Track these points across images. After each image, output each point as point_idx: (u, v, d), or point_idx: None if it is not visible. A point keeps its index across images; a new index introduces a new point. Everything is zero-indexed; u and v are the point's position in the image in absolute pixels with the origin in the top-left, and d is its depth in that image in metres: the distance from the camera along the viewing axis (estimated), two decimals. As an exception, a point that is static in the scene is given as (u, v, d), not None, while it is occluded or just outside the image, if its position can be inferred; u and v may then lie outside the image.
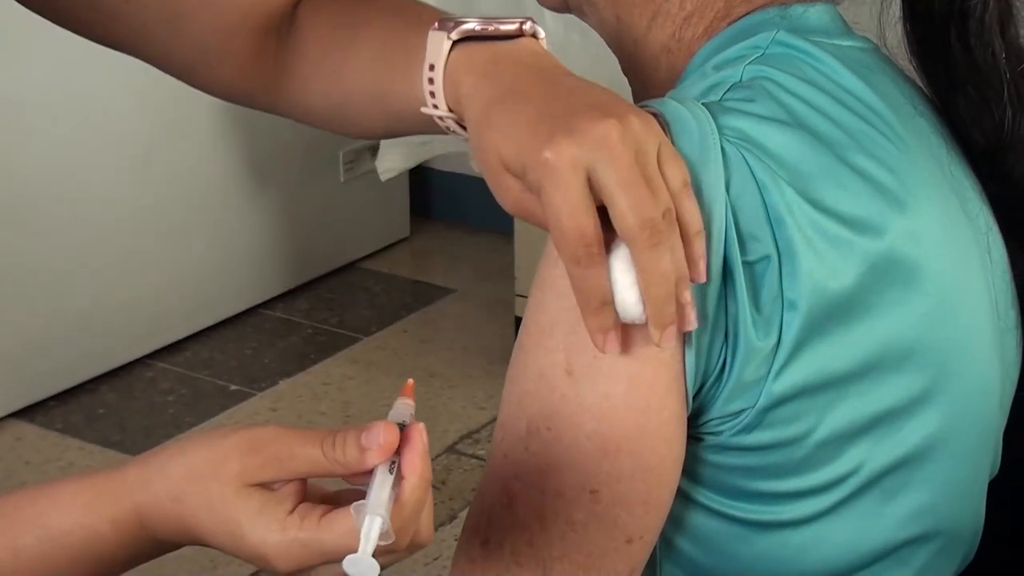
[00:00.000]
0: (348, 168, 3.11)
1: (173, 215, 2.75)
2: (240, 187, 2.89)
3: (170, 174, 2.73)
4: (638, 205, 0.71)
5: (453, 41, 0.79)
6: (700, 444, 0.83)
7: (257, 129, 2.85)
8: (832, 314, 0.80)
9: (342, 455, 0.68)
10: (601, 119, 0.71)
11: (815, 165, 0.81)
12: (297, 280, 3.04)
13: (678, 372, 0.78)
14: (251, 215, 2.92)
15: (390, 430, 0.68)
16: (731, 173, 0.78)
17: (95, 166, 2.59)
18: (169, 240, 2.75)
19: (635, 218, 0.71)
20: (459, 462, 2.42)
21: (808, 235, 0.79)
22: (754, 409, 0.80)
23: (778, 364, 0.79)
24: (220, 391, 2.64)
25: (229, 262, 2.89)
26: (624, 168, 0.71)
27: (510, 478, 0.79)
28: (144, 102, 2.64)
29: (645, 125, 0.74)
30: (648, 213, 0.70)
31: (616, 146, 0.71)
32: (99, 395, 2.64)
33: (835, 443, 0.82)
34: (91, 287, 2.63)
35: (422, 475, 0.68)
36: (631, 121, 0.73)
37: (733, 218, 0.78)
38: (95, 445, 2.47)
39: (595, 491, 0.78)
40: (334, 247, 3.12)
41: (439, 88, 0.81)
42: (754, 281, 0.78)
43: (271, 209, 2.96)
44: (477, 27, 0.79)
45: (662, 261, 0.72)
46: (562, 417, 0.78)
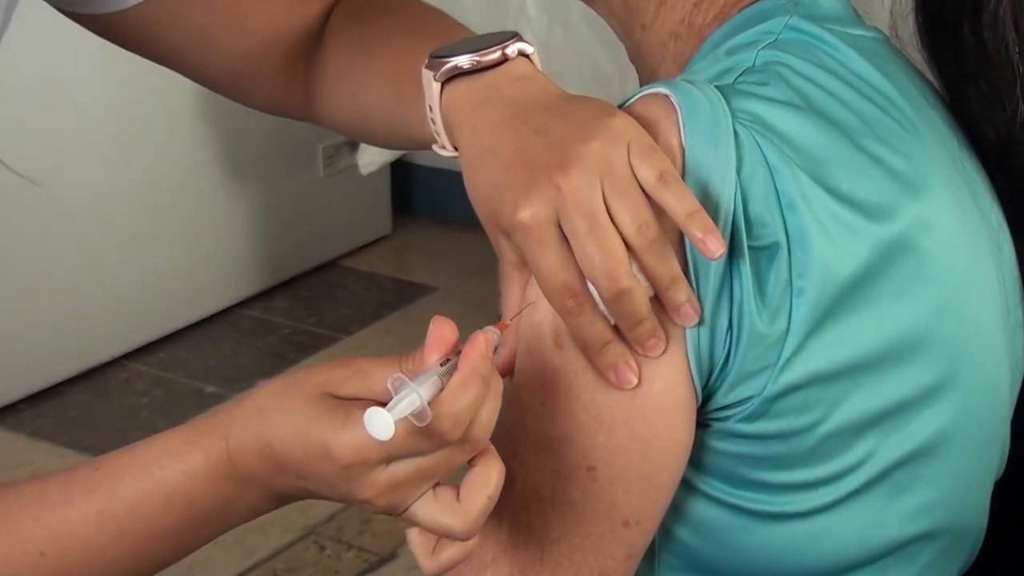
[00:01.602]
0: (328, 163, 3.11)
1: (147, 210, 2.75)
2: (217, 182, 2.89)
3: (144, 167, 2.72)
4: (590, 257, 0.76)
5: (441, 83, 0.84)
6: (706, 431, 0.84)
7: (235, 122, 2.85)
8: (841, 300, 0.81)
9: (410, 363, 0.72)
10: (560, 169, 0.76)
11: (830, 151, 0.82)
12: (275, 278, 3.04)
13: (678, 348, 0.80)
14: (228, 211, 2.92)
15: (444, 324, 0.72)
16: (742, 156, 0.80)
17: (64, 158, 2.59)
18: (143, 236, 2.75)
19: (590, 269, 0.76)
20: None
21: (823, 222, 0.81)
22: (761, 397, 0.81)
23: (787, 352, 0.81)
24: (196, 393, 2.64)
25: (205, 260, 2.89)
26: (580, 219, 0.76)
27: (509, 457, 0.81)
28: (117, 91, 2.64)
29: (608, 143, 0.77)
30: (603, 263, 0.75)
31: (571, 195, 0.76)
32: (70, 397, 2.64)
33: (844, 435, 0.84)
34: (62, 285, 2.62)
35: (476, 370, 0.71)
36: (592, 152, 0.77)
37: (742, 202, 0.80)
38: (66, 449, 2.47)
39: (592, 468, 0.80)
40: (313, 244, 3.12)
41: (441, 131, 0.86)
42: (760, 267, 0.80)
43: (249, 205, 2.96)
44: (463, 64, 0.83)
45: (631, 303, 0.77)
46: (557, 391, 0.80)
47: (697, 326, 0.80)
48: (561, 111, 0.80)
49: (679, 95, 0.81)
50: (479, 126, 0.82)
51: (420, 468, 0.72)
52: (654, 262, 0.77)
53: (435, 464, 0.72)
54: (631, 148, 0.78)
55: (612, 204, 0.77)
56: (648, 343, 0.79)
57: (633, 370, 0.79)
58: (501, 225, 0.79)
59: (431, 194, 3.39)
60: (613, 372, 0.79)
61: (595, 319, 0.78)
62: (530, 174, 0.78)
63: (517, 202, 0.77)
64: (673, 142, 0.81)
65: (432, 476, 0.73)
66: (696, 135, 0.80)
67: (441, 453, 0.72)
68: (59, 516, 0.76)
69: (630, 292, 0.77)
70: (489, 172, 0.80)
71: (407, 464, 0.72)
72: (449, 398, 0.70)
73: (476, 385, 0.71)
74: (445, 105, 0.84)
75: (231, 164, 2.91)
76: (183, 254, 2.84)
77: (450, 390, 0.71)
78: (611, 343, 0.78)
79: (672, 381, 0.80)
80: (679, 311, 0.79)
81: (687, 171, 0.80)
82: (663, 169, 0.78)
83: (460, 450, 0.72)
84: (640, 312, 0.78)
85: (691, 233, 0.77)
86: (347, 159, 3.12)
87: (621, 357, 0.79)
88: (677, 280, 0.78)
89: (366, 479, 0.72)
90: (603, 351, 0.78)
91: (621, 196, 0.77)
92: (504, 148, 0.80)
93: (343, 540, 2.28)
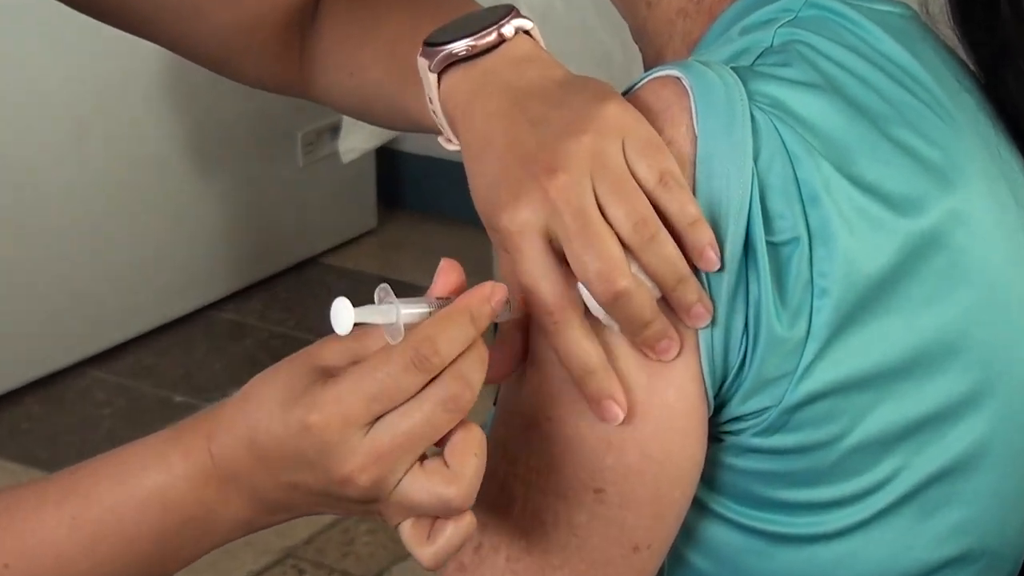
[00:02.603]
0: (307, 150, 3.12)
1: (109, 202, 2.75)
2: (186, 171, 2.89)
3: (106, 155, 2.72)
4: (581, 258, 0.77)
5: (438, 73, 0.85)
6: (719, 446, 0.84)
7: (205, 106, 2.85)
8: (867, 302, 0.81)
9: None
10: (548, 171, 0.77)
11: (855, 138, 0.83)
12: (250, 277, 3.04)
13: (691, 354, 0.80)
14: (198, 203, 2.92)
15: (451, 268, 0.75)
16: (760, 143, 0.80)
17: (18, 146, 2.59)
18: (104, 231, 2.75)
19: (583, 273, 0.77)
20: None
21: (847, 215, 0.81)
22: (778, 408, 0.81)
23: (807, 358, 0.81)
24: (163, 403, 2.65)
25: (173, 256, 2.89)
26: (569, 221, 0.77)
27: (509, 476, 0.81)
28: (76, 71, 2.64)
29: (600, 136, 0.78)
30: (596, 265, 0.76)
31: (560, 197, 0.77)
32: (24, 407, 2.64)
33: (870, 449, 0.84)
34: (14, 284, 2.62)
35: (468, 307, 0.73)
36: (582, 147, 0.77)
37: (760, 193, 0.80)
38: (18, 464, 2.47)
39: (600, 490, 0.80)
40: (292, 240, 3.13)
41: (443, 122, 0.87)
42: (779, 264, 0.80)
43: (221, 196, 2.96)
44: (458, 50, 0.84)
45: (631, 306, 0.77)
46: (562, 405, 0.80)
47: (711, 327, 0.80)
48: (559, 99, 0.81)
49: (692, 78, 0.81)
50: (476, 116, 0.83)
51: (402, 433, 0.73)
52: (656, 261, 0.77)
53: (417, 427, 0.72)
54: (628, 142, 0.78)
55: (605, 201, 0.77)
56: (659, 345, 0.79)
57: (620, 404, 0.79)
58: (489, 226, 0.80)
59: (421, 185, 3.39)
60: (596, 405, 0.79)
61: (578, 341, 0.78)
62: (520, 174, 0.78)
63: (504, 205, 0.78)
64: (684, 130, 0.81)
65: (416, 444, 0.73)
66: (710, 121, 0.80)
67: (422, 413, 0.72)
68: (29, 524, 0.76)
69: (628, 294, 0.77)
70: (486, 166, 0.81)
71: (389, 427, 0.72)
72: (432, 324, 0.72)
73: (464, 322, 0.73)
74: (443, 95, 0.85)
75: (201, 152, 2.91)
76: (149, 250, 2.84)
77: (436, 318, 0.72)
78: (596, 371, 0.78)
79: (686, 390, 0.80)
80: (689, 312, 0.79)
81: (699, 160, 0.80)
82: (663, 169, 0.78)
83: (443, 408, 0.73)
84: (643, 315, 0.78)
85: (689, 245, 0.78)
86: (328, 146, 3.12)
87: (605, 388, 0.78)
88: (685, 279, 0.78)
89: (346, 446, 0.72)
90: (585, 379, 0.78)
91: (614, 192, 0.77)
92: (498, 141, 0.80)
93: (324, 564, 2.28)
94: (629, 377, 0.80)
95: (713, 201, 0.80)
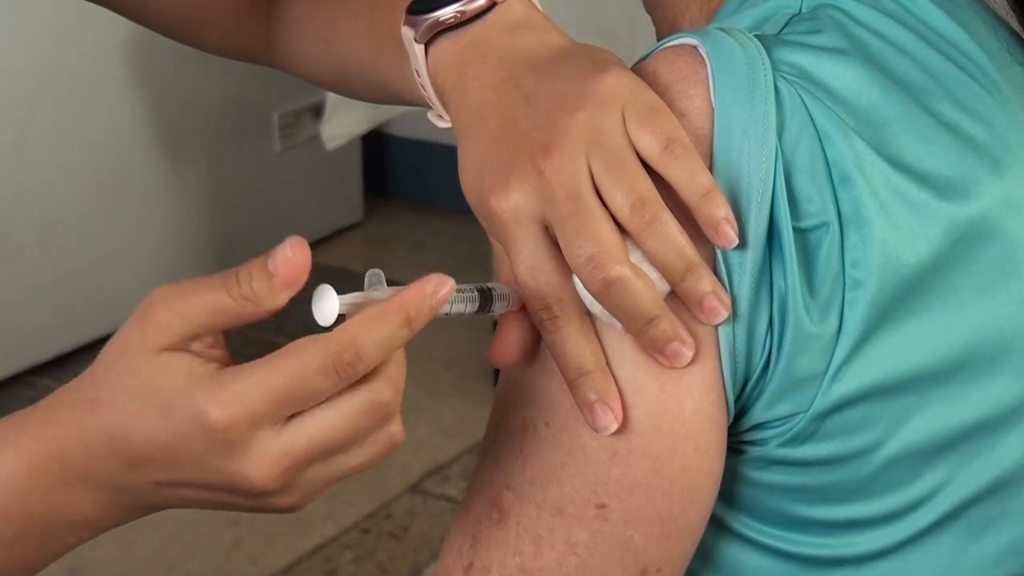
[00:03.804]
0: (285, 133, 3.12)
1: (59, 197, 2.74)
2: (148, 158, 2.89)
3: (55, 144, 2.72)
4: (572, 244, 0.77)
5: (424, 43, 0.85)
6: (740, 458, 0.84)
7: (169, 83, 2.85)
8: (907, 295, 0.81)
9: (249, 288, 0.72)
10: (542, 150, 0.78)
11: (893, 112, 0.83)
12: (221, 274, 3.04)
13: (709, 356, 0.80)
14: (162, 194, 2.92)
15: (299, 245, 0.72)
16: (785, 118, 0.80)
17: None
18: (55, 225, 2.75)
19: (575, 261, 0.77)
20: (425, 504, 2.43)
21: (882, 198, 0.81)
22: (807, 414, 0.81)
23: (839, 358, 0.80)
24: (122, 415, 2.65)
25: (133, 253, 2.89)
26: (562, 204, 0.77)
27: (501, 489, 0.81)
28: (27, 47, 2.63)
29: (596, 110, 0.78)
30: (587, 250, 0.77)
31: (554, 179, 0.77)
32: (-33, 419, 2.64)
33: (910, 461, 0.83)
34: (-41, 282, 2.63)
35: (402, 305, 0.72)
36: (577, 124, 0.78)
37: (785, 173, 0.80)
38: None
39: (603, 505, 0.80)
40: (269, 233, 3.10)
41: (433, 97, 0.87)
42: (808, 252, 0.80)
43: (186, 187, 2.96)
44: (445, 17, 0.84)
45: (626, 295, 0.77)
46: (562, 409, 0.80)
47: (732, 323, 0.79)
48: (554, 71, 0.81)
49: (709, 46, 0.81)
50: (468, 89, 0.83)
51: (322, 438, 0.72)
52: (659, 246, 0.77)
53: (340, 433, 0.72)
54: (627, 112, 0.78)
55: (600, 181, 0.77)
56: (669, 349, 0.78)
57: (615, 413, 0.78)
58: (478, 213, 0.80)
59: (412, 172, 3.39)
60: (588, 411, 0.78)
61: (573, 339, 0.78)
62: (511, 155, 0.79)
63: (495, 189, 0.79)
64: (700, 103, 0.81)
65: (335, 450, 0.73)
66: (729, 93, 0.80)
67: (347, 419, 0.72)
68: None
69: (621, 282, 0.76)
70: (477, 145, 0.81)
71: (305, 430, 0.72)
72: (359, 325, 0.71)
73: (396, 323, 0.71)
74: (432, 68, 0.85)
75: (165, 136, 2.91)
76: (104, 248, 2.84)
77: (366, 316, 0.71)
78: (590, 374, 0.78)
79: (703, 398, 0.80)
80: (701, 305, 0.78)
81: (717, 137, 0.80)
82: (669, 135, 0.78)
83: (370, 417, 0.72)
84: (644, 307, 0.77)
85: (702, 219, 0.77)
86: (309, 129, 3.13)
87: (600, 393, 0.78)
88: (694, 266, 0.78)
89: (254, 448, 0.71)
90: (578, 382, 0.78)
91: (609, 171, 0.77)
92: (491, 118, 0.81)
93: (303, 595, 2.28)
94: (636, 384, 0.80)
95: (733, 182, 0.80)
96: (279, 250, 0.72)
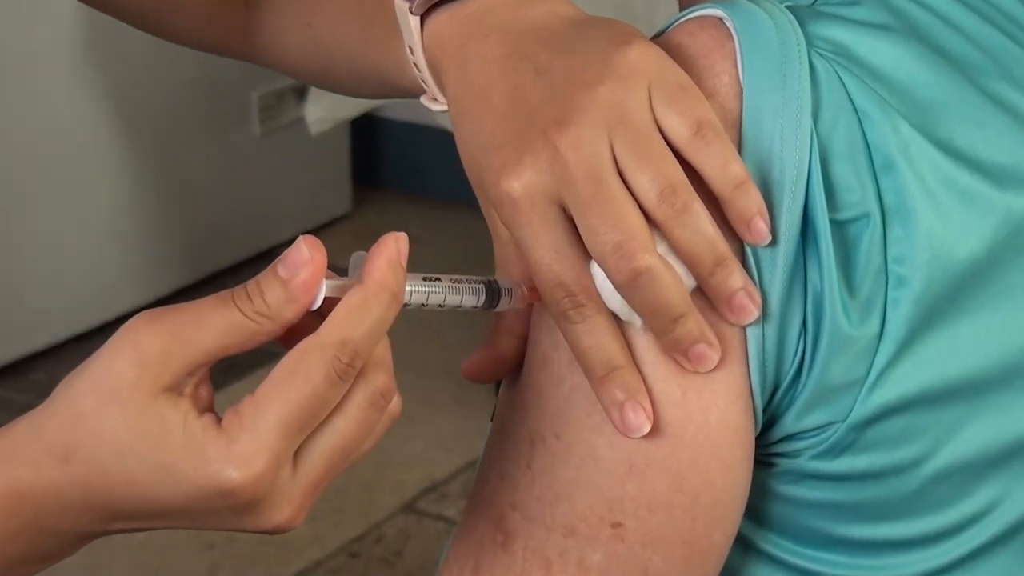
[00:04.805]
0: (265, 116, 3.12)
1: (17, 185, 2.74)
2: (113, 145, 2.88)
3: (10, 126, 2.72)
4: (595, 230, 0.77)
5: (421, 16, 0.85)
6: (769, 471, 0.84)
7: (136, 63, 2.85)
8: (958, 294, 0.81)
9: (262, 302, 0.72)
10: (558, 125, 0.78)
11: (942, 93, 0.83)
12: (194, 274, 3.05)
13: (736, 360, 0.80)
14: (129, 184, 2.92)
15: (315, 245, 0.72)
16: (821, 98, 0.80)
17: None
18: (8, 220, 2.75)
19: (597, 249, 0.77)
20: (420, 525, 2.43)
21: (930, 187, 0.81)
22: (845, 424, 0.81)
23: (880, 362, 0.81)
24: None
25: (97, 250, 2.89)
26: (581, 185, 0.77)
27: (506, 508, 0.81)
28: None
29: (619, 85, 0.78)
30: (612, 237, 0.76)
31: (571, 158, 0.77)
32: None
33: (960, 476, 0.84)
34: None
35: (381, 283, 0.72)
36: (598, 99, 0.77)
37: (821, 159, 0.80)
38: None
39: (618, 524, 0.80)
40: (247, 227, 3.13)
41: (427, 77, 0.87)
42: (845, 246, 0.80)
43: (158, 175, 2.96)
44: None
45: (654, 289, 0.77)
46: (574, 419, 0.80)
47: (761, 324, 0.79)
48: (569, 43, 0.81)
49: (737, 18, 0.82)
50: (469, 65, 0.83)
51: (339, 451, 0.72)
52: (688, 237, 0.77)
53: (352, 437, 0.72)
54: (654, 90, 0.78)
55: (625, 163, 0.77)
56: (694, 351, 0.79)
57: (646, 413, 0.78)
58: (487, 196, 0.80)
59: (405, 159, 3.39)
60: (617, 411, 0.78)
61: (601, 332, 0.78)
62: (523, 132, 0.78)
63: (505, 168, 0.78)
64: (727, 81, 0.81)
65: (352, 453, 0.73)
66: (759, 70, 0.80)
67: (355, 421, 0.72)
68: None
69: (651, 274, 0.76)
70: (479, 125, 0.81)
71: (321, 452, 0.72)
72: (346, 320, 0.71)
73: (384, 303, 0.72)
74: (428, 43, 0.85)
75: (129, 120, 2.90)
76: (66, 243, 2.84)
77: (351, 309, 0.71)
78: (620, 369, 0.78)
79: (730, 406, 0.80)
80: (731, 302, 0.79)
81: (746, 119, 0.80)
82: (700, 118, 0.78)
83: (375, 408, 0.72)
84: (672, 303, 0.77)
85: (733, 211, 0.78)
86: (291, 111, 3.12)
87: (631, 392, 0.78)
88: (724, 260, 0.78)
89: (279, 495, 0.71)
90: (606, 379, 0.78)
91: (637, 152, 0.77)
92: (496, 94, 0.81)
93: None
94: (656, 389, 0.80)
95: (763, 170, 0.80)
96: (292, 253, 0.72)
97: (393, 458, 2.55)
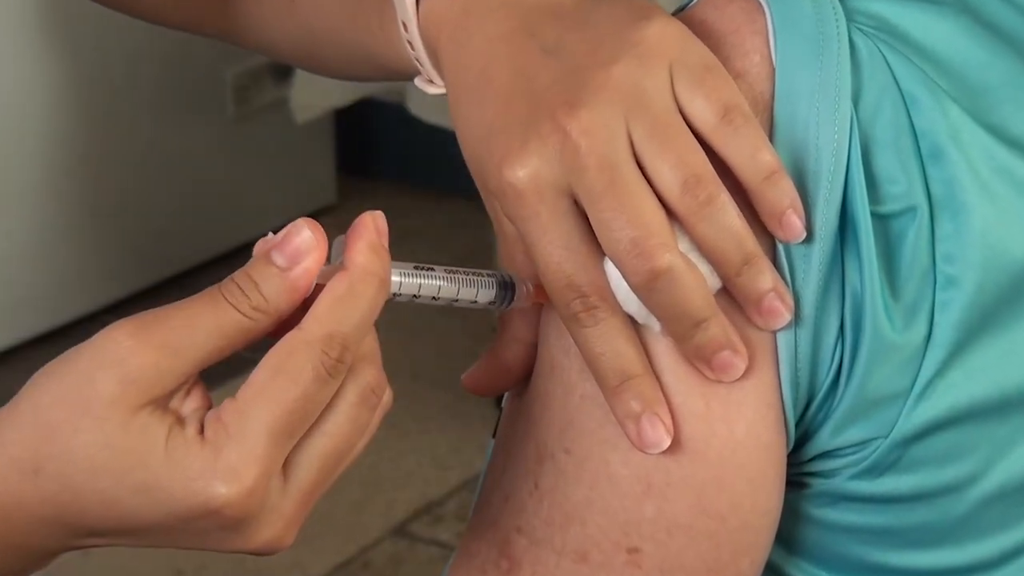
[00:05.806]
0: (240, 97, 3.12)
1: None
2: (71, 130, 2.89)
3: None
4: (610, 225, 0.77)
5: None
6: (801, 493, 0.84)
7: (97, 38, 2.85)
8: (1015, 296, 0.81)
9: (258, 296, 0.72)
10: (568, 107, 0.78)
11: (996, 74, 0.83)
12: (162, 272, 3.06)
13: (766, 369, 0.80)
14: (88, 175, 2.92)
15: (314, 225, 0.73)
16: (863, 79, 0.80)
17: None
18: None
19: (612, 245, 0.77)
20: (412, 550, 2.43)
21: (983, 177, 0.81)
22: (887, 440, 0.81)
23: (928, 372, 0.81)
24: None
25: (55, 246, 2.89)
26: (595, 174, 0.77)
27: (511, 531, 0.81)
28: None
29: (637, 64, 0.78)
30: (628, 233, 0.76)
31: (584, 143, 0.77)
32: None
33: (1015, 498, 0.84)
34: None
35: (366, 269, 0.73)
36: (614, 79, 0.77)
37: (862, 147, 0.80)
38: None
39: (635, 549, 0.80)
40: (221, 221, 3.13)
41: (423, 56, 0.87)
42: (889, 244, 0.80)
43: (119, 163, 2.96)
44: None
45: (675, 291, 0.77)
46: (585, 432, 0.80)
47: (794, 329, 0.79)
48: (581, 17, 0.81)
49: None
50: (471, 42, 0.83)
51: (331, 457, 0.72)
52: (714, 234, 0.77)
53: (345, 439, 0.73)
54: (676, 70, 0.78)
55: (643, 150, 0.77)
56: (718, 359, 0.79)
57: (665, 427, 0.78)
58: (488, 187, 0.80)
59: (397, 146, 3.39)
60: (633, 424, 0.78)
61: (615, 337, 0.78)
62: (529, 116, 0.78)
63: (508, 156, 0.78)
64: (758, 60, 0.81)
65: (345, 459, 0.73)
66: (793, 48, 0.80)
67: (348, 421, 0.72)
68: None
69: (671, 274, 0.76)
70: (481, 108, 0.81)
71: (312, 460, 0.72)
72: (333, 312, 0.71)
73: (372, 290, 0.72)
74: (424, 20, 0.85)
75: (91, 100, 2.91)
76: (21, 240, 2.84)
77: (336, 301, 0.71)
78: (636, 378, 0.78)
79: (759, 420, 0.80)
80: (760, 305, 0.79)
81: (778, 102, 0.80)
82: (727, 102, 0.78)
83: (367, 406, 0.73)
84: (694, 306, 0.77)
85: (764, 204, 0.78)
86: (269, 92, 3.13)
87: (648, 403, 0.78)
88: (753, 259, 0.78)
89: (269, 509, 0.71)
90: (621, 388, 0.78)
91: (656, 138, 0.77)
92: (501, 74, 0.81)
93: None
94: (676, 400, 0.80)
95: (797, 159, 0.80)
96: (286, 236, 0.72)
97: (383, 476, 2.56)
